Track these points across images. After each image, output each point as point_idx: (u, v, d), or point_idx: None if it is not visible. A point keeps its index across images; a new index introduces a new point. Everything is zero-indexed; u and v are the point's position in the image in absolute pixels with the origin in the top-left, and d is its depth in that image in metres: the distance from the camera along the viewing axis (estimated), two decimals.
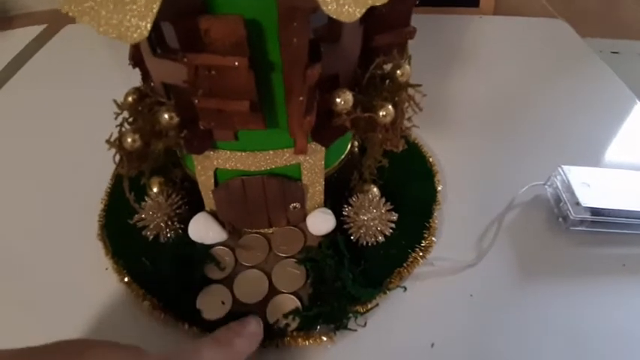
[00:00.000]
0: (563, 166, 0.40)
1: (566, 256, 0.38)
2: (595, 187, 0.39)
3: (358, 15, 0.22)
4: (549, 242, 0.39)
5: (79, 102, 0.56)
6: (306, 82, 0.24)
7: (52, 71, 0.63)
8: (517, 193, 0.41)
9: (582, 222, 0.38)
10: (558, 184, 0.40)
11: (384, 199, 0.36)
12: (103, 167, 0.42)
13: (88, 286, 0.36)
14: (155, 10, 0.22)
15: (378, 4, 0.23)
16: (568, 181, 0.39)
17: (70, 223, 0.40)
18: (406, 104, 0.31)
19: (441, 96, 0.55)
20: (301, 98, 0.24)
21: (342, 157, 0.36)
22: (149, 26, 0.23)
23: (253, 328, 0.30)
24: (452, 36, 0.67)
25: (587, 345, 0.32)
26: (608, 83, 0.58)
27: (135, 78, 0.33)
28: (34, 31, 0.71)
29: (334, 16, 0.22)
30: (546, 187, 0.42)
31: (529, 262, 0.37)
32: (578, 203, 0.38)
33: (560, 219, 0.39)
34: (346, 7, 0.22)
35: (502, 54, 0.63)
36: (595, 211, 0.38)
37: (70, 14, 0.23)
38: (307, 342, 0.31)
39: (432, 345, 0.32)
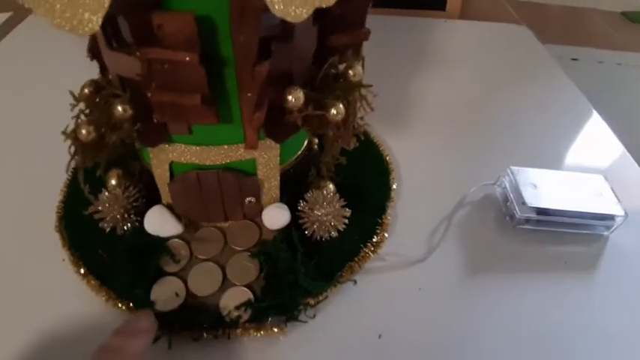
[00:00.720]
0: (511, 167, 0.42)
1: (511, 253, 0.39)
2: (541, 187, 0.41)
3: (305, 16, 0.23)
4: (496, 239, 0.40)
5: (42, 91, 0.55)
6: (255, 78, 0.24)
7: (16, 59, 0.62)
8: (468, 192, 0.43)
9: (528, 221, 0.40)
10: (507, 184, 0.42)
11: (338, 196, 0.37)
12: (64, 158, 0.42)
13: (45, 277, 0.36)
14: (107, 5, 0.22)
15: (324, 5, 0.24)
16: (516, 181, 0.41)
17: (28, 214, 0.40)
18: (358, 104, 0.32)
19: (401, 96, 0.56)
20: (250, 94, 0.25)
21: (299, 153, 0.37)
22: (100, 20, 0.23)
23: (145, 324, 0.29)
24: (417, 39, 0.69)
25: (529, 339, 0.34)
26: (563, 89, 0.60)
27: (97, 69, 0.33)
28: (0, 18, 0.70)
29: (281, 17, 0.23)
30: (496, 186, 0.43)
31: (476, 258, 0.39)
32: (524, 203, 0.40)
33: (508, 217, 0.41)
34: (293, 7, 0.23)
35: (464, 58, 0.65)
36: (540, 211, 0.40)
37: (27, 5, 0.24)
38: (258, 333, 0.32)
39: (380, 336, 0.33)
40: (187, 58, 0.25)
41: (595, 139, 0.53)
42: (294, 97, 0.28)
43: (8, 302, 0.34)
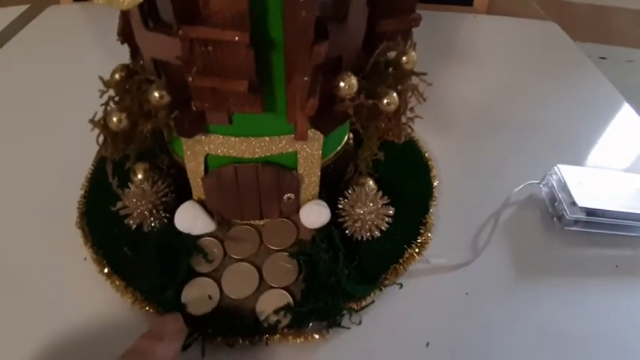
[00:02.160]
0: (559, 165, 0.40)
1: (560, 256, 0.37)
2: (590, 187, 0.39)
3: None
4: (544, 242, 0.38)
5: (60, 83, 0.53)
6: (312, 60, 0.22)
7: (34, 51, 0.60)
8: (512, 191, 0.40)
9: (577, 222, 0.38)
10: (554, 183, 0.40)
11: (380, 193, 0.35)
12: (84, 151, 0.40)
13: (65, 277, 0.33)
14: None
15: None
16: (564, 180, 0.39)
17: (47, 210, 0.38)
18: (409, 93, 0.29)
19: (435, 92, 0.53)
20: (306, 78, 0.23)
21: (339, 148, 0.35)
22: None
23: (172, 326, 0.28)
24: (446, 33, 0.67)
25: (580, 344, 0.31)
26: (598, 86, 0.58)
27: (118, 60, 0.31)
28: (17, 11, 0.68)
29: None
30: (541, 186, 0.41)
31: (524, 261, 0.36)
32: (574, 203, 0.37)
33: (555, 218, 0.39)
34: None
35: (496, 53, 0.63)
36: (590, 212, 0.37)
37: None
38: (298, 340, 0.30)
39: (427, 344, 0.31)
40: (236, 38, 0.23)
41: (634, 137, 0.51)
42: (347, 85, 0.26)
43: (26, 303, 0.32)
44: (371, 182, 0.36)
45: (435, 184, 0.40)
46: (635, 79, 0.75)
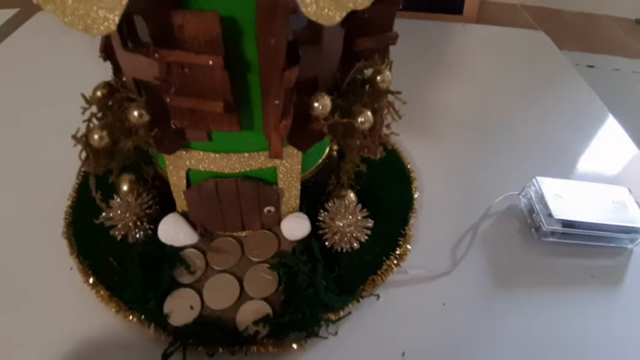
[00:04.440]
0: (537, 177, 0.41)
1: (537, 266, 0.38)
2: (567, 199, 0.40)
3: (338, 19, 0.22)
4: (522, 252, 0.39)
5: (48, 91, 0.53)
6: (283, 84, 0.23)
7: (22, 59, 0.60)
8: (492, 202, 0.41)
9: (554, 233, 0.39)
10: (532, 194, 0.40)
11: (360, 206, 0.35)
12: (72, 162, 0.40)
13: (51, 286, 0.34)
14: (124, 2, 0.21)
15: (359, 8, 0.22)
16: (541, 192, 0.40)
17: (33, 220, 0.38)
18: (385, 111, 0.30)
19: (420, 101, 0.54)
20: (277, 102, 0.24)
21: (320, 161, 0.36)
22: (117, 19, 0.22)
23: None
24: (435, 42, 0.67)
25: (556, 353, 0.32)
26: (583, 97, 0.59)
27: (107, 69, 0.32)
28: (5, 15, 0.68)
29: (313, 19, 0.21)
30: (520, 197, 0.42)
31: (502, 272, 0.37)
32: (550, 215, 0.38)
33: (533, 229, 0.40)
34: (326, 10, 0.22)
35: (483, 62, 0.64)
36: (566, 223, 0.38)
37: (35, 1, 0.22)
38: (277, 350, 0.30)
39: (403, 354, 0.31)
40: (210, 62, 0.23)
41: (616, 148, 0.51)
42: (321, 104, 0.27)
43: (11, 312, 0.33)
44: (352, 194, 0.36)
45: (416, 195, 0.41)
46: (621, 87, 0.76)
